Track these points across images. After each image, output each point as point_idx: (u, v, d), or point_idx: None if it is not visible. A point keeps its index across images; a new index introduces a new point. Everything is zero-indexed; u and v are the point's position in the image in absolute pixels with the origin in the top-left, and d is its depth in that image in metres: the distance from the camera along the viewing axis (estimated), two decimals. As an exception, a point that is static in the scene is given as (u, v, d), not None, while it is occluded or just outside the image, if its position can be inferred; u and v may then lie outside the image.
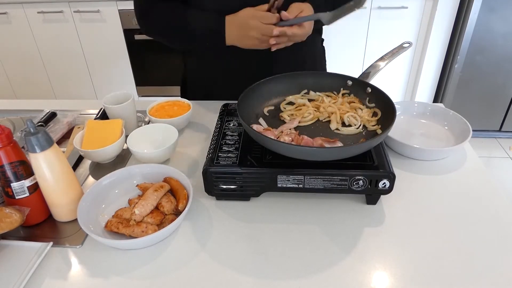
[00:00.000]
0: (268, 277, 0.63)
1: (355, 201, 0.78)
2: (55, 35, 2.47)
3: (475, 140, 2.52)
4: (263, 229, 0.72)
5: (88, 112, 1.13)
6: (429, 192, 0.80)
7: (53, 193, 0.72)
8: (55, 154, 0.69)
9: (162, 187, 0.74)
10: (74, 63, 2.58)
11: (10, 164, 0.68)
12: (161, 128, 0.94)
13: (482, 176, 0.84)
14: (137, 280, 0.63)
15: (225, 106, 0.95)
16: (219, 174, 0.74)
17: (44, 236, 0.72)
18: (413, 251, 0.67)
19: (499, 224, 0.72)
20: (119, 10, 2.34)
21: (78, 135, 0.90)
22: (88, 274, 0.65)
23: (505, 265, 0.64)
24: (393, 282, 0.62)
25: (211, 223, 0.74)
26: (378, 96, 0.85)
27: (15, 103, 1.26)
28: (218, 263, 0.66)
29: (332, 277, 0.63)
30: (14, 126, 1.07)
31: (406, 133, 0.96)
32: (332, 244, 0.69)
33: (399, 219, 0.74)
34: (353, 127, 0.81)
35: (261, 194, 0.77)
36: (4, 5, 2.38)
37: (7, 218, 0.66)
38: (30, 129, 0.66)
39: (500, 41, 2.18)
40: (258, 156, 0.76)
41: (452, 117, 0.98)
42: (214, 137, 0.83)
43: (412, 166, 0.87)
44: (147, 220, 0.70)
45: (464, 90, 2.37)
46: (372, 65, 0.92)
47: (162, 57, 2.53)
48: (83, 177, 0.88)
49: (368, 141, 0.70)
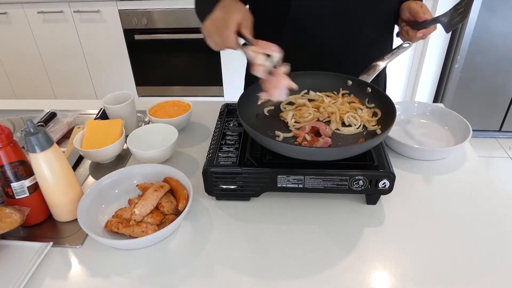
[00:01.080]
0: (268, 277, 0.63)
1: (355, 201, 0.78)
2: (55, 35, 2.47)
3: (475, 140, 2.52)
4: (263, 229, 0.72)
5: (88, 112, 1.13)
6: (429, 192, 0.80)
7: (53, 193, 0.72)
8: (55, 154, 0.69)
9: (162, 187, 0.74)
10: (74, 63, 2.58)
11: (10, 164, 0.68)
12: (161, 128, 0.94)
13: (482, 176, 0.84)
14: (137, 280, 0.63)
15: (225, 106, 0.95)
16: (219, 174, 0.74)
17: (44, 236, 0.72)
18: (413, 251, 0.67)
19: (499, 224, 0.72)
20: (119, 10, 2.34)
21: (78, 135, 0.90)
22: (88, 274, 0.65)
23: (505, 265, 0.64)
24: (393, 282, 0.62)
25: (211, 223, 0.74)
26: (378, 96, 0.85)
27: (15, 103, 1.26)
28: (218, 263, 0.66)
29: (332, 277, 0.63)
30: (14, 126, 1.07)
31: (406, 133, 0.96)
32: (332, 244, 0.69)
33: (399, 219, 0.74)
34: (353, 127, 0.81)
35: (261, 194, 0.77)
36: (4, 5, 2.38)
37: (7, 218, 0.66)
38: (30, 129, 0.66)
39: (500, 41, 2.18)
40: (258, 156, 0.76)
41: (452, 117, 0.98)
42: (214, 137, 0.83)
43: (412, 166, 0.87)
44: (147, 220, 0.70)
45: (464, 90, 2.37)
46: (372, 65, 0.92)
47: (162, 57, 2.53)
48: (83, 177, 0.88)
49: (368, 141, 0.70)
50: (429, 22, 0.88)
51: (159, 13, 2.35)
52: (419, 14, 0.89)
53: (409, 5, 0.92)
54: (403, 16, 0.95)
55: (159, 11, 2.34)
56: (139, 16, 2.36)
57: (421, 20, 0.89)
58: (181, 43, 2.43)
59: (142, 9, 2.34)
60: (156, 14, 2.35)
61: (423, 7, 0.91)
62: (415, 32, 0.91)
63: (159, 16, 2.36)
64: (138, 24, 2.38)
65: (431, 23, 0.88)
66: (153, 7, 2.33)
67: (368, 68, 0.92)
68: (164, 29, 2.40)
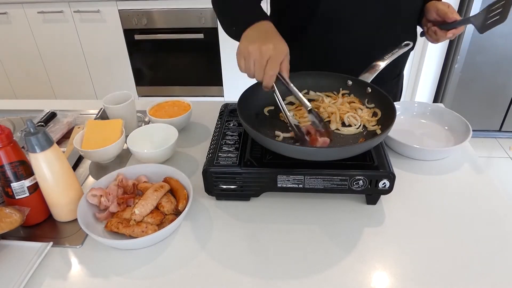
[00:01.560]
0: (268, 277, 0.63)
1: (355, 201, 0.78)
2: (55, 35, 2.47)
3: (475, 140, 2.52)
4: (263, 229, 0.72)
5: (88, 112, 1.13)
6: (429, 192, 0.80)
7: (53, 193, 0.72)
8: (55, 154, 0.69)
9: (162, 187, 0.74)
10: (74, 63, 2.58)
11: (10, 164, 0.68)
12: (161, 128, 0.94)
13: (482, 176, 0.84)
14: (137, 280, 0.63)
15: (225, 106, 0.95)
16: (219, 174, 0.74)
17: (44, 236, 0.72)
18: (413, 251, 0.67)
19: (499, 224, 0.72)
20: (119, 10, 2.34)
21: (78, 135, 0.90)
22: (88, 274, 0.65)
23: (505, 265, 0.64)
24: (393, 282, 0.62)
25: (211, 223, 0.74)
26: (378, 96, 0.85)
27: (15, 103, 1.26)
28: (218, 263, 0.66)
29: (332, 277, 0.63)
30: (14, 126, 1.07)
31: (406, 133, 0.96)
32: (332, 244, 0.69)
33: (399, 219, 0.74)
34: (353, 127, 0.81)
35: (261, 194, 0.77)
36: (4, 5, 2.38)
37: (7, 218, 0.66)
38: (30, 129, 0.66)
39: (500, 41, 2.18)
40: (258, 156, 0.76)
41: (452, 117, 0.98)
42: (214, 137, 0.83)
43: (412, 166, 0.87)
44: (147, 220, 0.70)
45: (464, 90, 2.37)
46: (372, 65, 0.92)
47: (162, 57, 2.53)
48: (83, 177, 0.88)
49: (368, 141, 0.70)
50: (459, 22, 0.89)
51: (159, 13, 2.35)
52: (448, 15, 0.90)
53: (436, 6, 0.93)
54: (430, 17, 0.95)
55: (159, 11, 2.34)
56: (139, 16, 2.36)
57: (450, 21, 0.89)
58: (181, 43, 2.44)
59: (142, 9, 2.34)
60: (156, 14, 2.35)
61: (450, 8, 0.91)
62: (444, 32, 0.91)
63: (159, 16, 2.36)
64: (138, 24, 2.39)
65: (462, 24, 0.89)
66: (153, 7, 2.33)
67: (368, 68, 0.92)
68: (164, 29, 2.40)
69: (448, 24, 0.91)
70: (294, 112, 0.86)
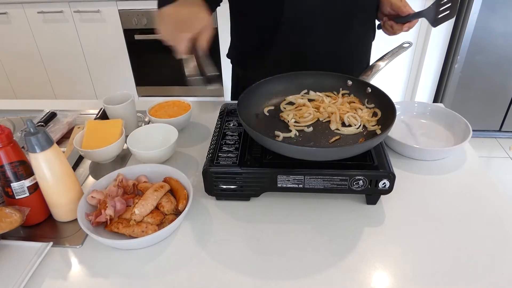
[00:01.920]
0: (268, 277, 0.63)
1: (355, 201, 0.78)
2: (55, 35, 2.47)
3: (475, 140, 2.52)
4: (263, 229, 0.72)
5: (88, 112, 1.13)
6: (429, 192, 0.80)
7: (53, 193, 0.72)
8: (55, 154, 0.69)
9: (162, 187, 0.74)
10: (74, 63, 2.58)
11: (10, 164, 0.68)
12: (161, 128, 0.94)
13: (482, 176, 0.84)
14: (137, 280, 0.63)
15: (225, 106, 0.95)
16: (219, 174, 0.74)
17: (44, 236, 0.72)
18: (413, 251, 0.67)
19: (499, 224, 0.72)
20: (119, 10, 2.34)
21: (78, 135, 0.90)
22: (88, 274, 0.65)
23: (505, 265, 0.64)
24: (393, 282, 0.62)
25: (211, 223, 0.74)
26: (378, 96, 0.85)
27: (15, 103, 1.26)
28: (218, 263, 0.66)
29: (332, 277, 0.63)
30: (14, 126, 1.07)
31: (406, 133, 0.96)
32: (332, 244, 0.69)
33: (399, 219, 0.74)
34: (353, 127, 0.81)
35: (261, 194, 0.77)
36: (4, 5, 2.38)
37: (7, 218, 0.66)
38: (30, 129, 0.66)
39: (500, 41, 2.18)
40: (258, 156, 0.76)
41: (452, 117, 0.98)
42: (214, 137, 0.83)
43: (412, 166, 0.87)
44: (147, 220, 0.70)
45: (464, 90, 2.37)
46: (372, 65, 0.92)
47: (162, 57, 2.53)
48: (83, 177, 0.88)
49: (368, 141, 0.70)
50: (413, 16, 0.90)
51: (159, 13, 2.35)
52: (402, 9, 0.92)
53: (390, 0, 0.94)
54: (384, 11, 0.97)
55: (159, 11, 2.34)
56: (139, 16, 2.36)
57: (404, 15, 0.91)
58: (181, 43, 2.43)
59: (142, 9, 2.34)
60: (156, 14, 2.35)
61: (403, 1, 0.93)
62: (400, 26, 0.93)
63: (159, 16, 2.36)
64: (138, 24, 2.38)
65: (415, 17, 0.90)
66: (153, 7, 2.33)
67: (368, 68, 0.92)
68: (164, 29, 2.40)
69: (402, 18, 0.92)
70: (294, 112, 0.86)
